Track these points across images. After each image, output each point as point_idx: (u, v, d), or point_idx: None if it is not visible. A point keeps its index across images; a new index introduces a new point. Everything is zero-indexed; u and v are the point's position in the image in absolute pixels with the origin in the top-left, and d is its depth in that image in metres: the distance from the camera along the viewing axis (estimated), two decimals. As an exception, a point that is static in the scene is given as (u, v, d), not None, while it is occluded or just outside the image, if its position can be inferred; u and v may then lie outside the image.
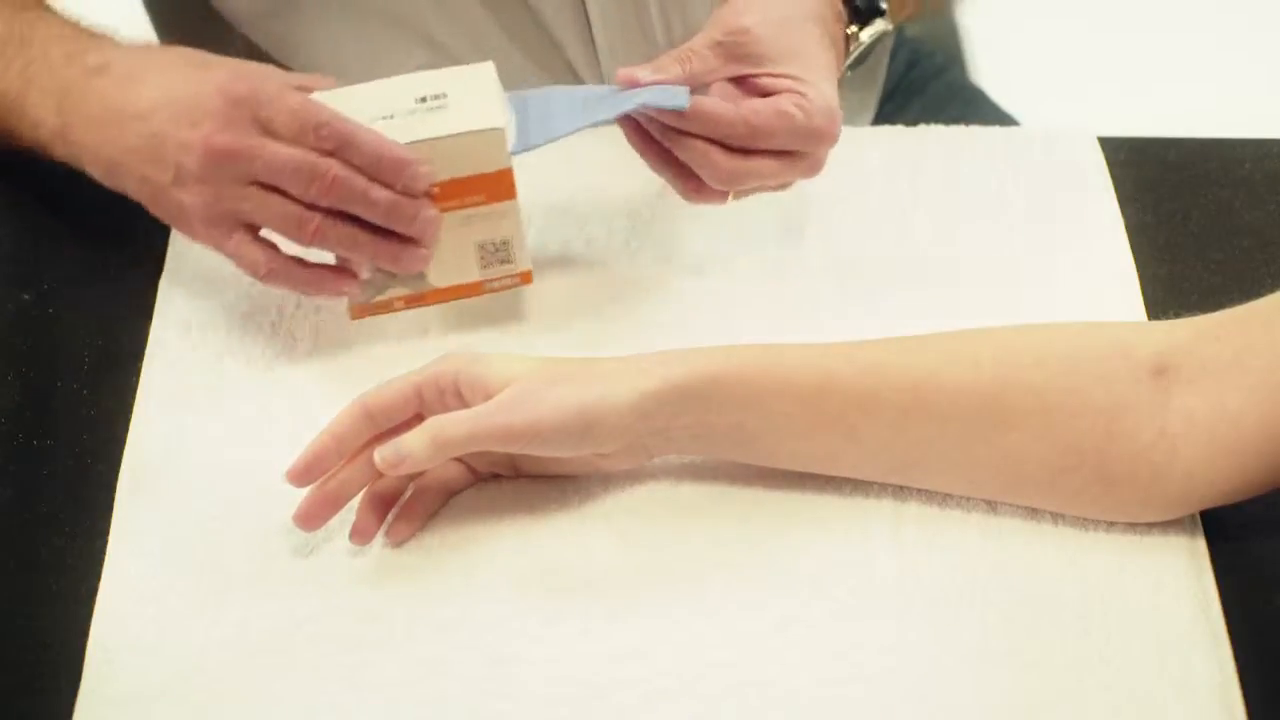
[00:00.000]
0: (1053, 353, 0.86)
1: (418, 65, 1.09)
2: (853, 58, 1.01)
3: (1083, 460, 0.84)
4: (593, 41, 1.11)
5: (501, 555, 0.87)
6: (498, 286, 0.95)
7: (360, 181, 0.87)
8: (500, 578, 0.86)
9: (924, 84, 1.34)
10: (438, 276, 0.93)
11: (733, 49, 0.94)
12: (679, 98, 0.92)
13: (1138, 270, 1.01)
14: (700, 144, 0.93)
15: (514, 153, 0.91)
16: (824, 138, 0.94)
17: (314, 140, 0.87)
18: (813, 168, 0.96)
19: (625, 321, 0.99)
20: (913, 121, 1.13)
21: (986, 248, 1.03)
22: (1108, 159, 1.08)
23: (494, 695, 0.81)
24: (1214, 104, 2.03)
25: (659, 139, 0.94)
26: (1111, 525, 0.86)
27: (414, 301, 0.94)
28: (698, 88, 0.94)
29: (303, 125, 0.87)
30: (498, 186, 0.91)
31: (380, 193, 0.88)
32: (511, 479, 0.90)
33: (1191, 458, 0.83)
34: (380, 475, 0.86)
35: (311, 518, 0.85)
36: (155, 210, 0.93)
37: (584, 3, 1.09)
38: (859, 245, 1.03)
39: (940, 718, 0.80)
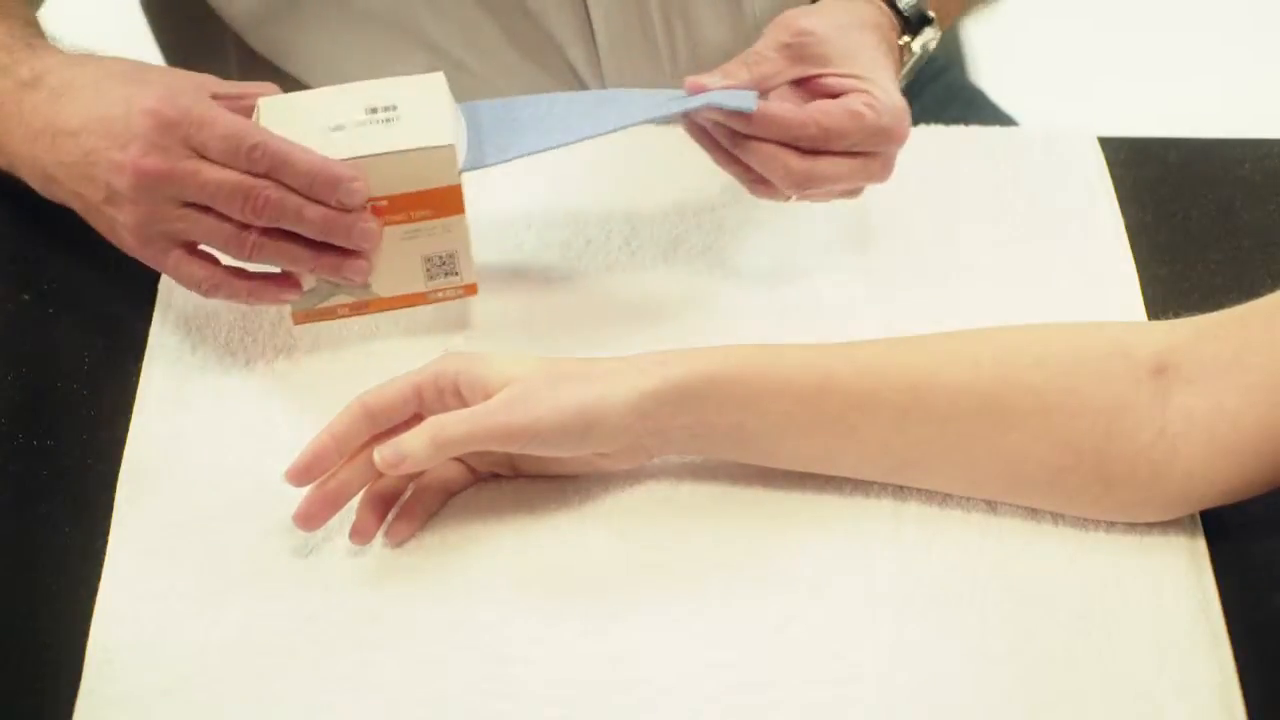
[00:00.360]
0: (1052, 353, 0.86)
1: (416, 68, 1.09)
2: (908, 68, 1.02)
3: (1082, 460, 0.84)
4: (594, 41, 1.11)
5: (501, 555, 0.87)
6: (443, 298, 0.95)
7: (294, 200, 0.87)
8: (500, 578, 0.86)
9: (924, 85, 1.34)
10: (382, 286, 0.93)
11: (798, 50, 0.95)
12: (747, 100, 0.92)
13: (1138, 270, 1.01)
14: (769, 147, 0.93)
15: (465, 170, 0.91)
16: (894, 137, 0.94)
17: (246, 162, 0.86)
18: (884, 169, 0.96)
19: (624, 321, 0.99)
20: (913, 122, 1.13)
21: (986, 248, 1.03)
22: (1108, 159, 1.08)
23: (494, 695, 0.81)
24: (1214, 104, 2.03)
25: (726, 146, 0.95)
26: (1111, 525, 0.87)
27: (359, 309, 0.94)
28: (763, 92, 0.94)
29: (235, 147, 0.86)
30: (445, 202, 0.91)
31: (314, 210, 0.87)
32: (511, 479, 0.90)
33: (1191, 457, 0.83)
34: (380, 475, 0.86)
35: (311, 518, 0.85)
36: (92, 224, 0.93)
37: (585, 3, 1.09)
38: (859, 245, 1.03)
39: (940, 718, 0.80)
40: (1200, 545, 0.86)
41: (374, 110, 0.90)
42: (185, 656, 0.82)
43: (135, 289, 0.99)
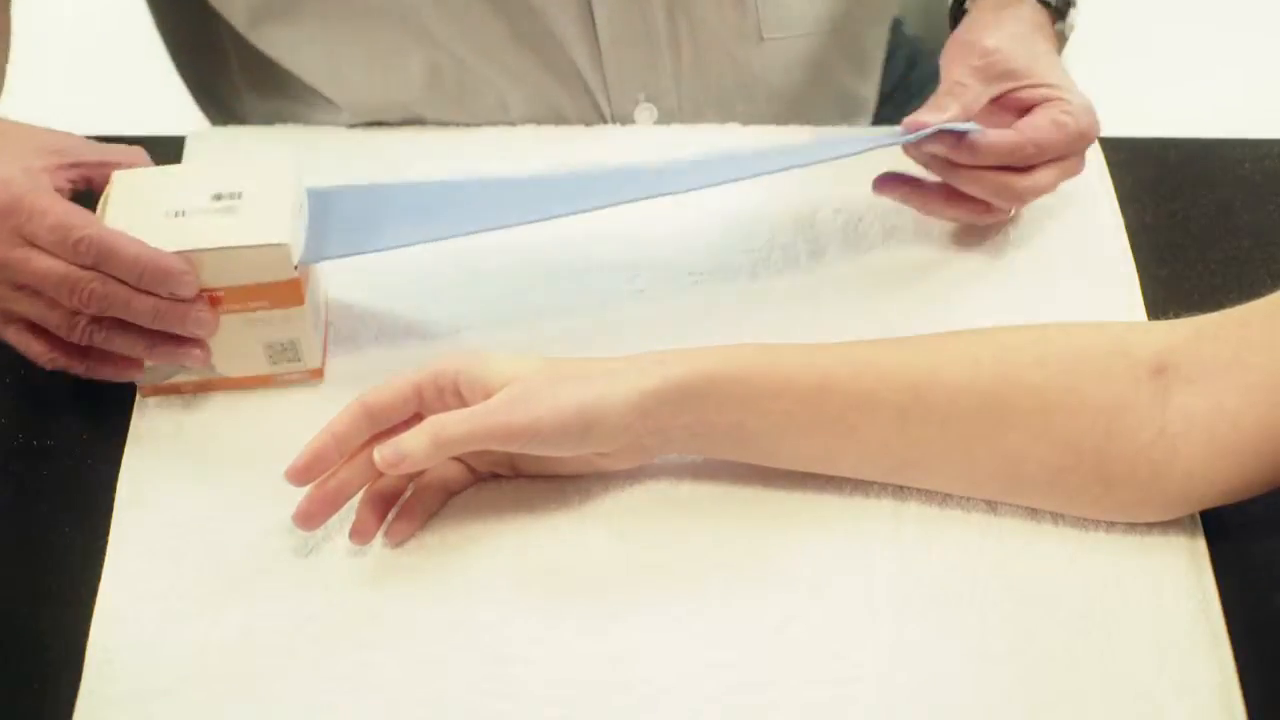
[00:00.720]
0: (1052, 352, 0.86)
1: (416, 66, 1.09)
2: (1061, 53, 1.05)
3: (1082, 459, 0.84)
4: (596, 39, 1.10)
5: (501, 555, 0.87)
6: (290, 380, 0.95)
7: (122, 292, 0.87)
8: (500, 578, 0.86)
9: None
10: (226, 367, 0.93)
11: (990, 70, 0.99)
12: (972, 127, 0.96)
13: (1138, 271, 1.01)
14: (990, 174, 0.98)
15: (304, 262, 0.90)
16: (1090, 136, 0.99)
17: (73, 254, 0.87)
18: (1080, 164, 1.01)
19: (624, 322, 0.99)
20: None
21: (986, 248, 1.03)
22: (1108, 159, 1.08)
23: (494, 695, 0.81)
24: (1214, 104, 2.03)
25: (945, 179, 0.99)
26: (1111, 526, 0.87)
27: (204, 386, 0.93)
28: (970, 117, 0.98)
29: (62, 239, 0.87)
30: (284, 294, 0.90)
31: (144, 301, 0.88)
32: (511, 479, 0.90)
33: (1191, 457, 0.83)
34: (380, 474, 0.86)
35: (311, 517, 0.85)
36: None
37: (590, 2, 1.09)
38: (859, 246, 1.03)
39: (940, 718, 0.80)
40: (1200, 545, 0.86)
41: (218, 197, 0.90)
42: (185, 656, 0.82)
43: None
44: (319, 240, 0.91)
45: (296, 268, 0.89)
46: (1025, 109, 0.99)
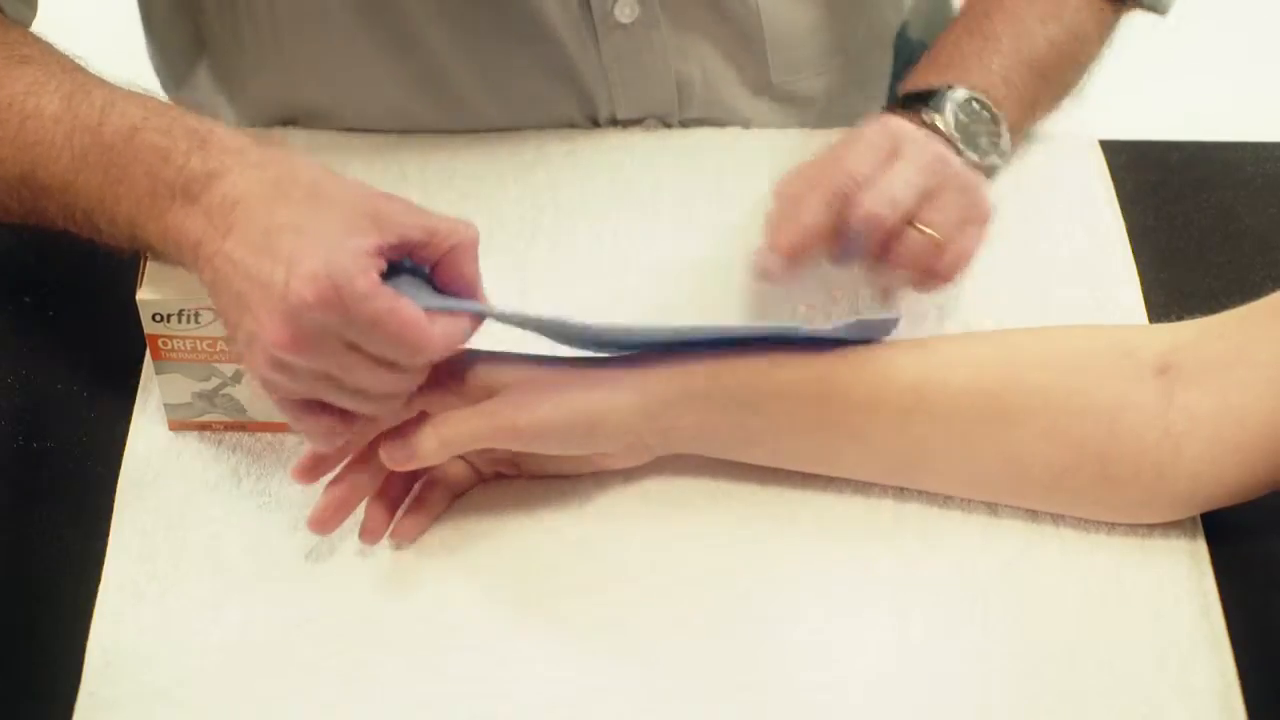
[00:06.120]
0: (1055, 352, 0.86)
1: (412, 71, 1.09)
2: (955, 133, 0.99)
3: (1086, 460, 0.84)
4: (606, 79, 1.09)
5: (501, 557, 0.87)
6: None
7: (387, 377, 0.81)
8: (501, 578, 0.86)
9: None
10: (256, 412, 0.91)
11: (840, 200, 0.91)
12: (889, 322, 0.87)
13: (1139, 273, 1.01)
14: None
15: None
16: (959, 185, 0.93)
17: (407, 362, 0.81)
18: (980, 210, 0.95)
19: (629, 323, 0.99)
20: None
21: (988, 251, 1.03)
22: (1109, 162, 1.08)
23: (494, 695, 0.81)
24: (1216, 107, 2.02)
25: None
26: (1112, 527, 0.86)
27: (234, 428, 0.92)
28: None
29: (396, 351, 0.80)
30: None
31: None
32: (513, 478, 0.90)
33: (1196, 457, 0.83)
34: (387, 476, 0.86)
35: (325, 522, 0.85)
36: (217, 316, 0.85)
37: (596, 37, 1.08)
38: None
39: (940, 718, 0.80)
40: (1201, 547, 0.86)
41: None
42: (185, 657, 0.82)
43: (135, 291, 0.98)
44: None
45: None
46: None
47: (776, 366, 0.85)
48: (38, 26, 0.96)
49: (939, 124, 0.97)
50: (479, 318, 0.82)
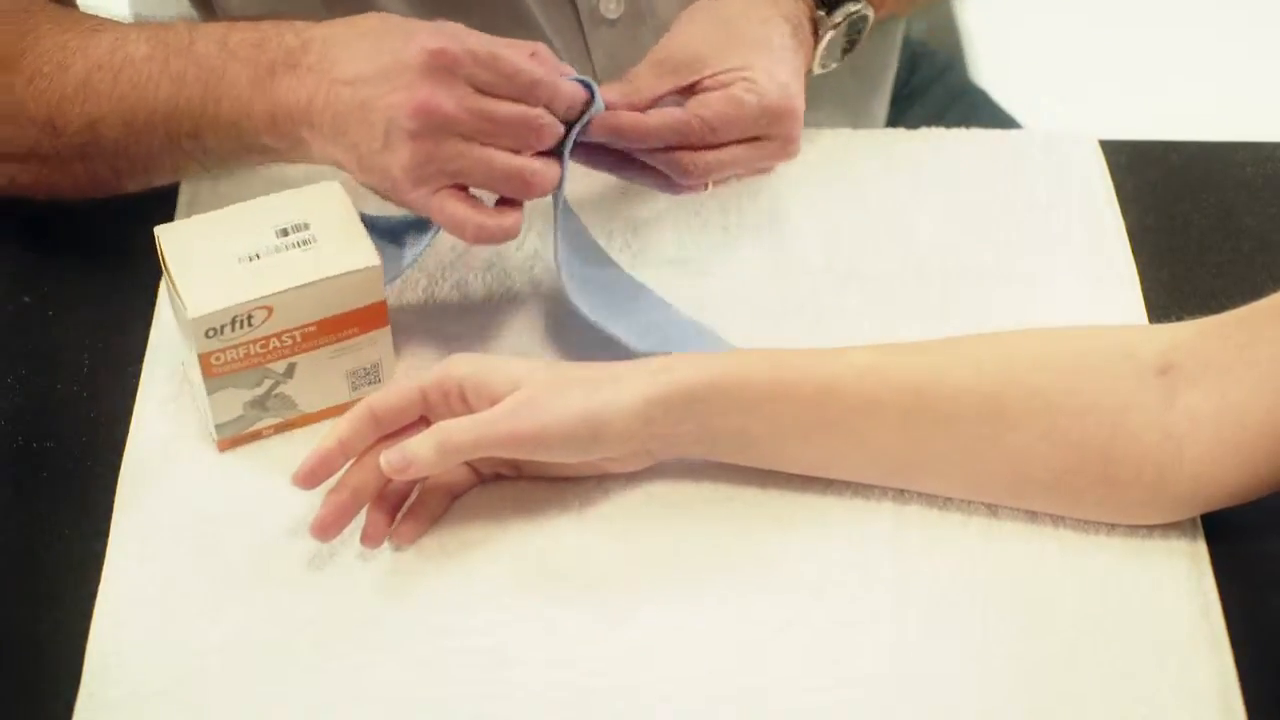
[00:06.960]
0: (1055, 353, 0.86)
1: None
2: (824, 42, 1.01)
3: (1087, 460, 0.84)
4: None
5: (502, 558, 0.87)
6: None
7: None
8: (501, 580, 0.86)
9: (926, 87, 1.34)
10: (308, 404, 0.92)
11: (667, 62, 0.96)
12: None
13: (1139, 273, 1.01)
14: (662, 155, 0.95)
15: (388, 282, 0.90)
16: (783, 115, 0.95)
17: (528, 96, 0.88)
18: (785, 149, 0.97)
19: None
20: (915, 125, 1.13)
21: (987, 251, 1.03)
22: (1109, 162, 1.08)
23: (494, 697, 0.81)
24: (1215, 107, 2.02)
25: (632, 155, 0.96)
26: (1113, 528, 0.86)
27: (284, 428, 0.92)
28: (644, 107, 0.95)
29: (513, 82, 0.87)
30: (372, 318, 0.90)
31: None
32: (513, 480, 0.90)
33: (1198, 457, 0.83)
34: (387, 479, 0.86)
35: (327, 527, 0.85)
36: (358, 178, 0.90)
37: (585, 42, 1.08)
38: (861, 248, 1.03)
39: (940, 719, 0.80)
40: (1201, 548, 0.86)
41: (285, 232, 0.89)
42: (185, 658, 0.82)
43: (135, 291, 0.99)
44: (389, 260, 0.91)
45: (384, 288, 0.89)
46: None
47: (777, 371, 0.85)
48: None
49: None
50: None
